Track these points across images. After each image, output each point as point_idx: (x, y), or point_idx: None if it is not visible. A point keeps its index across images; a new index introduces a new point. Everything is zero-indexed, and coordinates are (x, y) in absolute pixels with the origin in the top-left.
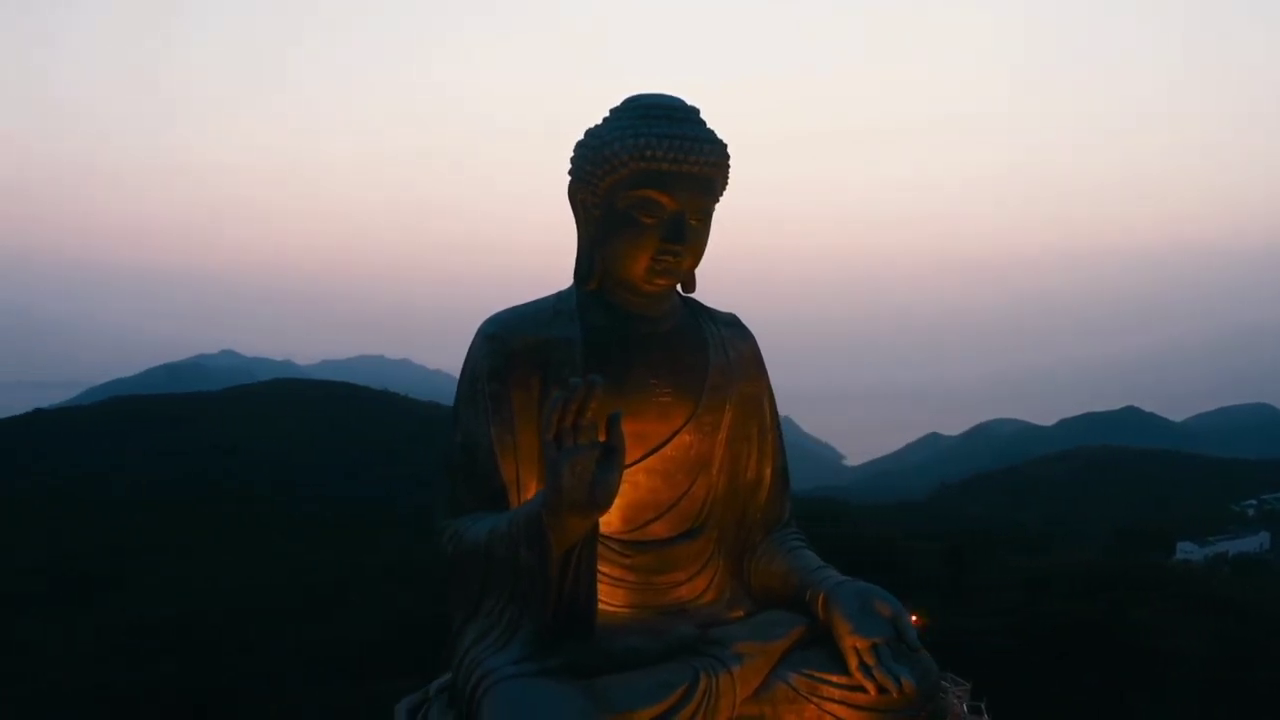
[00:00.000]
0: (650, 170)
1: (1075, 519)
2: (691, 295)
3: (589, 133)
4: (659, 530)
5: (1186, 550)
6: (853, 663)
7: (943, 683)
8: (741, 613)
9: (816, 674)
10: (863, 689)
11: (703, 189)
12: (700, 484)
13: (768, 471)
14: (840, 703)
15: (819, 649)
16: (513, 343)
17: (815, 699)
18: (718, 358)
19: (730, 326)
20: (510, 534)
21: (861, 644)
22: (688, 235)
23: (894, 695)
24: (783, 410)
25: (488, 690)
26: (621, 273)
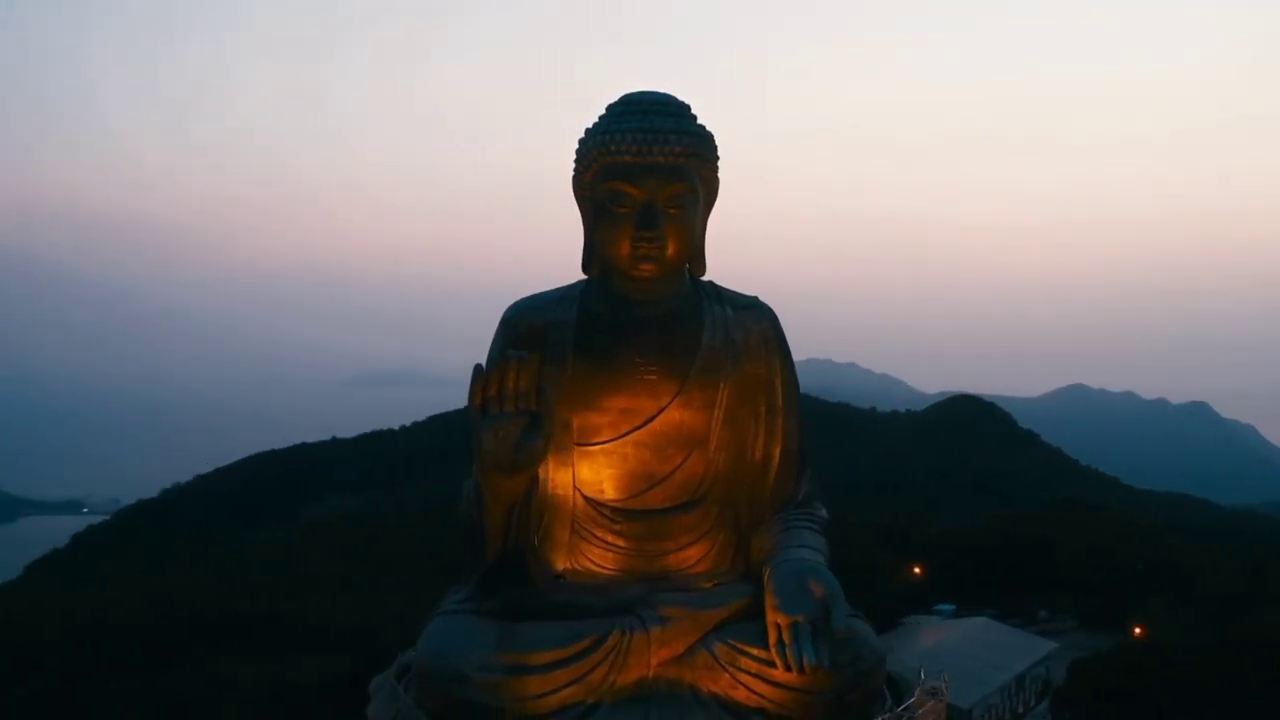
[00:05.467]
0: (616, 163)
1: None
2: (706, 279)
3: (585, 130)
4: (654, 500)
5: None
6: (772, 638)
7: (937, 682)
8: (713, 584)
9: (739, 645)
10: (778, 665)
11: (672, 178)
12: (696, 459)
13: (777, 451)
14: (755, 676)
15: (755, 623)
16: (521, 326)
17: (731, 669)
18: (713, 338)
19: (744, 309)
20: (469, 494)
21: (783, 620)
22: (661, 223)
23: (795, 675)
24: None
25: (430, 621)
26: (611, 261)
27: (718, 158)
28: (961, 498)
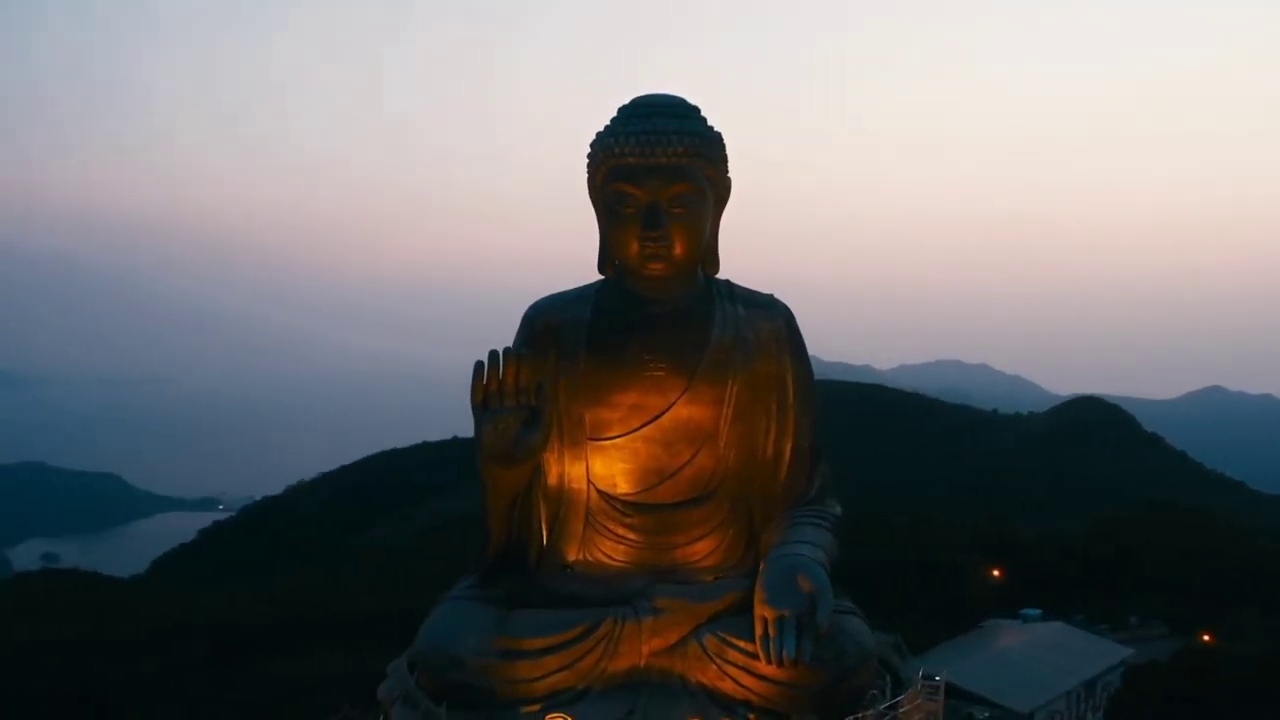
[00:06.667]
0: (620, 166)
1: None
2: (723, 278)
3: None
4: (664, 495)
5: None
6: (758, 631)
7: (936, 682)
8: (714, 578)
9: (728, 638)
10: (761, 658)
11: (675, 178)
12: (705, 455)
13: (788, 448)
14: (741, 668)
15: (747, 616)
16: (538, 325)
17: (719, 660)
18: (722, 336)
19: (756, 307)
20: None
21: (769, 614)
22: (665, 222)
23: (775, 669)
24: None
25: (437, 606)
26: (622, 261)
27: (725, 158)
28: (1071, 501)
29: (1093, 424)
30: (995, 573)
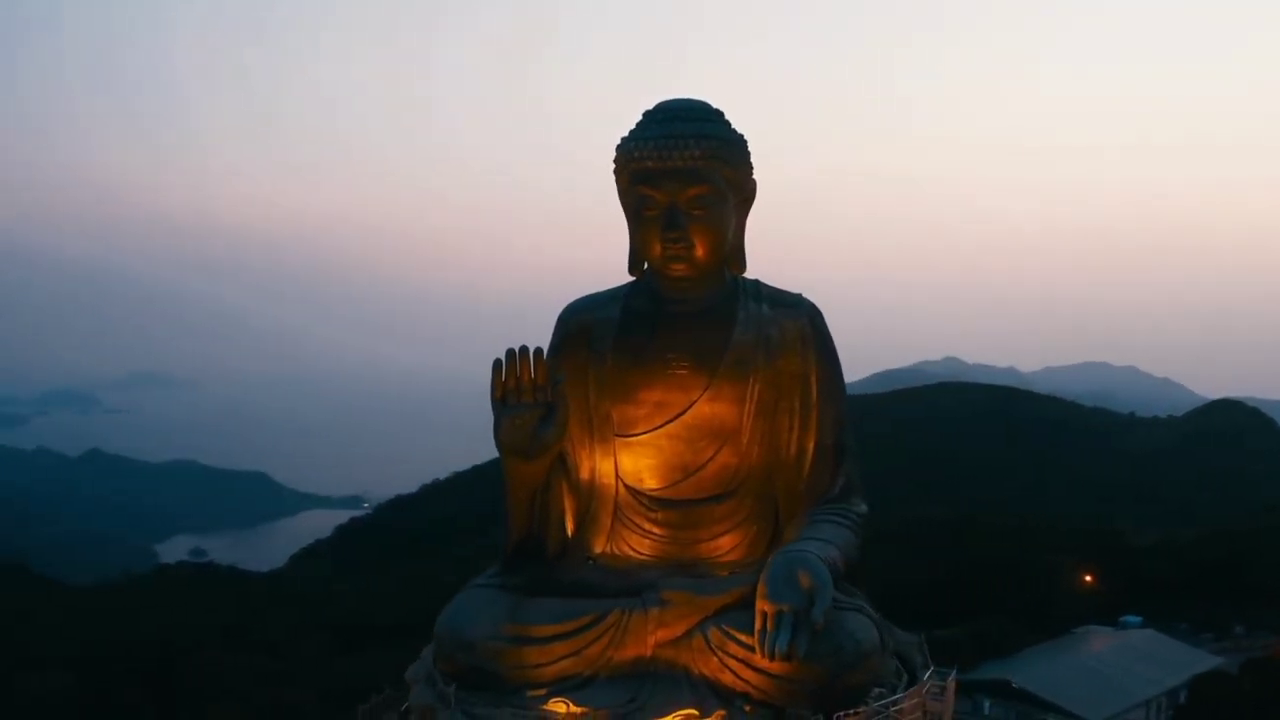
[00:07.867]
0: (640, 169)
1: None
2: (751, 277)
3: None
4: (687, 491)
5: None
6: (757, 625)
7: (942, 683)
8: (729, 572)
9: (730, 631)
10: (758, 652)
11: (692, 181)
12: (728, 451)
13: (810, 446)
14: (741, 661)
15: (751, 610)
16: (571, 324)
17: (720, 653)
18: (744, 334)
19: (781, 307)
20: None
21: (768, 609)
22: (684, 223)
23: (770, 662)
24: None
25: (459, 593)
26: (648, 262)
27: (747, 160)
28: (1197, 505)
29: (1230, 428)
30: (1088, 578)
